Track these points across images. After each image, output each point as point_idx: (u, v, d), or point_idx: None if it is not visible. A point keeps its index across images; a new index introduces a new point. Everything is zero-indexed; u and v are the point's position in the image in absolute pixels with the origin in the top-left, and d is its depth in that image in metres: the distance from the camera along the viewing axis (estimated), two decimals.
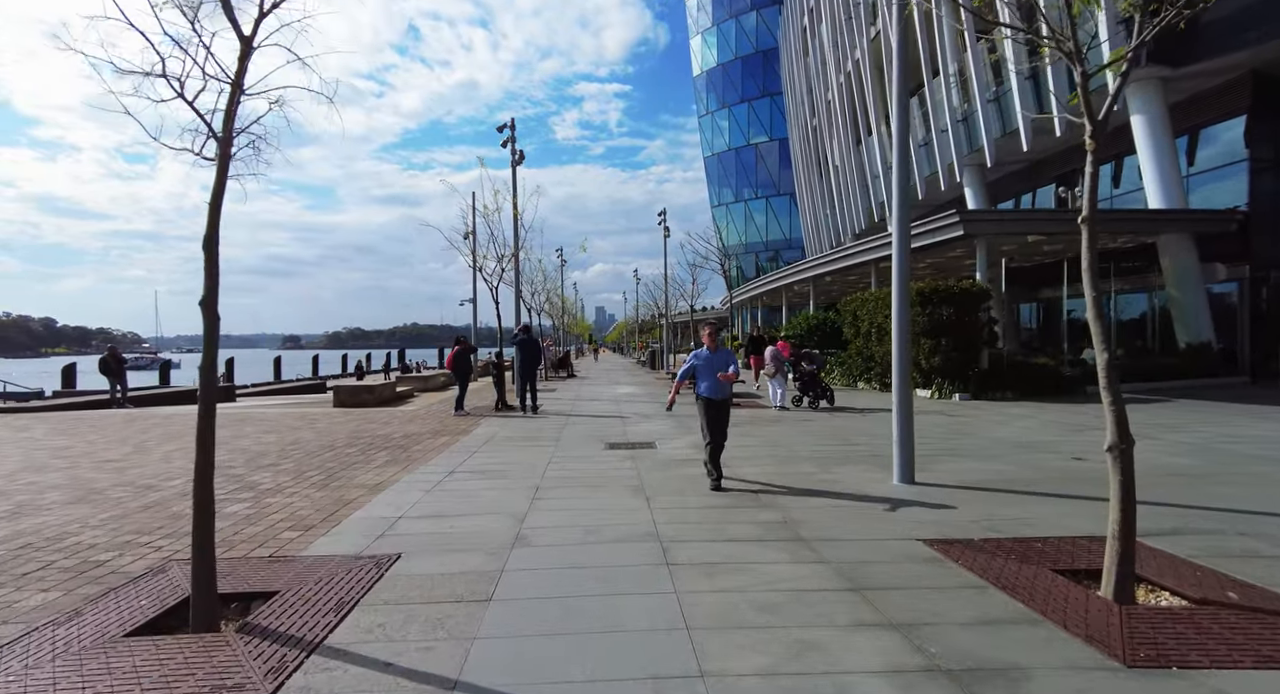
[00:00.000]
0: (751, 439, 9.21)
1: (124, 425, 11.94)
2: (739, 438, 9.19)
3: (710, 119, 61.73)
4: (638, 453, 8.29)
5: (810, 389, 13.28)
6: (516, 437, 9.96)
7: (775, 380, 13.42)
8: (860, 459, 7.67)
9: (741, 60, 57.83)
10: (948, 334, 14.79)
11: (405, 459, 7.98)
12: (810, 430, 10.12)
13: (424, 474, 7.06)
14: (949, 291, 14.87)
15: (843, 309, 18.88)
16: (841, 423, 10.99)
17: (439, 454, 8.35)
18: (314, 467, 7.55)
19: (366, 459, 8.01)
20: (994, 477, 6.54)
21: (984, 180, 26.47)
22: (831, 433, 9.82)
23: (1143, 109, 17.40)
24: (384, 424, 11.56)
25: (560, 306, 38.06)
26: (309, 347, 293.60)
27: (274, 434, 10.37)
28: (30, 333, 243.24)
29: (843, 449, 8.38)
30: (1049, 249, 20.28)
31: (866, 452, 8.18)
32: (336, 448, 8.93)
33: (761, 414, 12.37)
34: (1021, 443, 8.56)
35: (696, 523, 5.04)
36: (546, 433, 10.28)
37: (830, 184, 40.68)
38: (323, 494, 6.16)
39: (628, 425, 11.08)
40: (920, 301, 15.12)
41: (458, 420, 12.02)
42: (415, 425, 11.35)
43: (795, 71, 45.84)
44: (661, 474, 6.92)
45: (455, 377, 13.37)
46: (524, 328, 13.16)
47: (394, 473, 7.13)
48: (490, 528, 4.95)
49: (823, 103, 40.26)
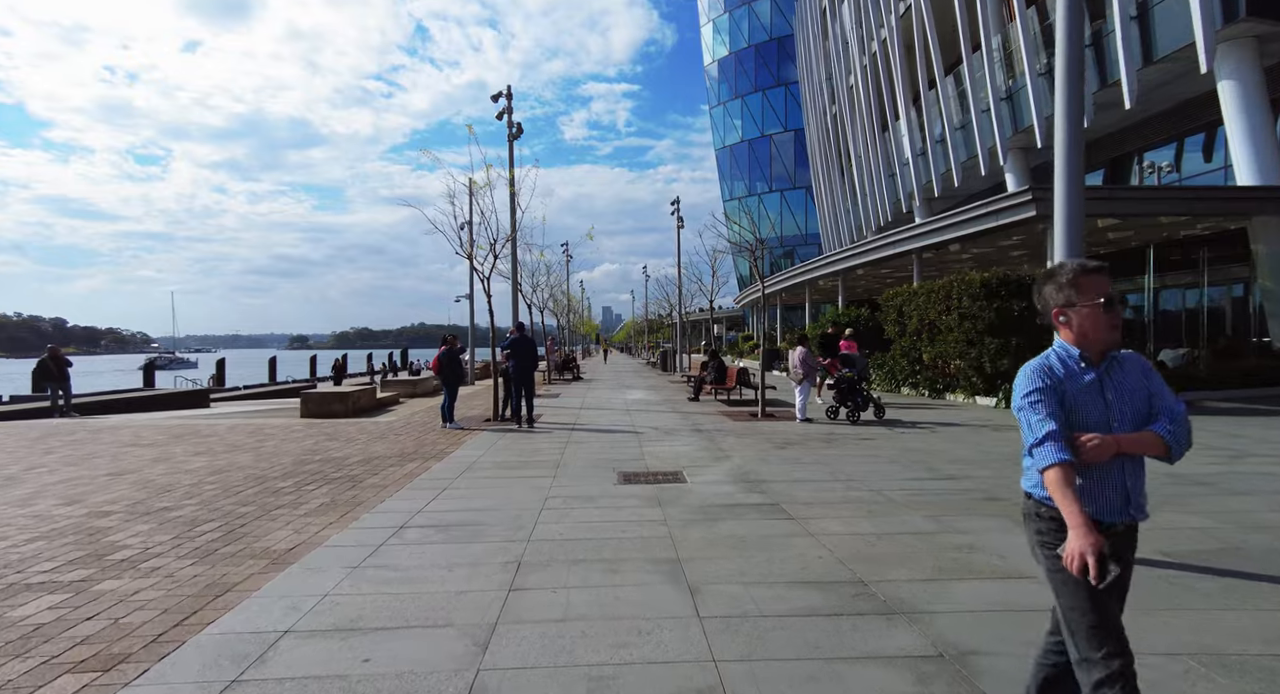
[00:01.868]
0: (812, 468, 7.06)
1: (28, 444, 9.91)
2: (790, 465, 7.04)
3: (722, 110, 59.40)
4: (663, 491, 6.15)
5: (849, 398, 11.07)
6: (506, 462, 7.84)
7: (802, 387, 11.24)
8: (979, 504, 5.50)
9: (755, 48, 55.49)
10: (1020, 332, 12.57)
11: (348, 502, 5.87)
12: (880, 454, 7.95)
13: (362, 530, 4.96)
14: (1022, 282, 12.65)
15: (884, 304, 16.66)
16: (911, 442, 8.81)
17: (398, 491, 6.25)
18: (218, 514, 5.46)
19: (297, 501, 5.92)
20: (1209, 541, 4.35)
21: (1027, 165, 24.18)
22: (909, 458, 7.64)
23: (1234, 73, 15.08)
24: (347, 442, 9.47)
25: (566, 304, 35.77)
26: (316, 346, 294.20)
27: (204, 457, 8.30)
28: (39, 333, 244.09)
29: (942, 487, 6.21)
30: (1114, 236, 18.00)
31: (977, 490, 6.00)
32: (268, 480, 6.84)
33: (810, 430, 10.19)
34: (1187, 478, 6.30)
35: (786, 658, 2.89)
36: (544, 455, 8.17)
37: (851, 175, 38.40)
38: (198, 572, 4.06)
39: (645, 444, 8.95)
40: (985, 293, 12.91)
41: (439, 437, 9.93)
42: (384, 444, 9.26)
43: (813, 56, 43.55)
44: (703, 533, 4.78)
45: (442, 382, 11.29)
46: (518, 326, 11.03)
47: (321, 528, 5.03)
48: (427, 667, 2.83)
49: (844, 88, 37.96)
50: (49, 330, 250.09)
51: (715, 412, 13.00)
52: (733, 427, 10.68)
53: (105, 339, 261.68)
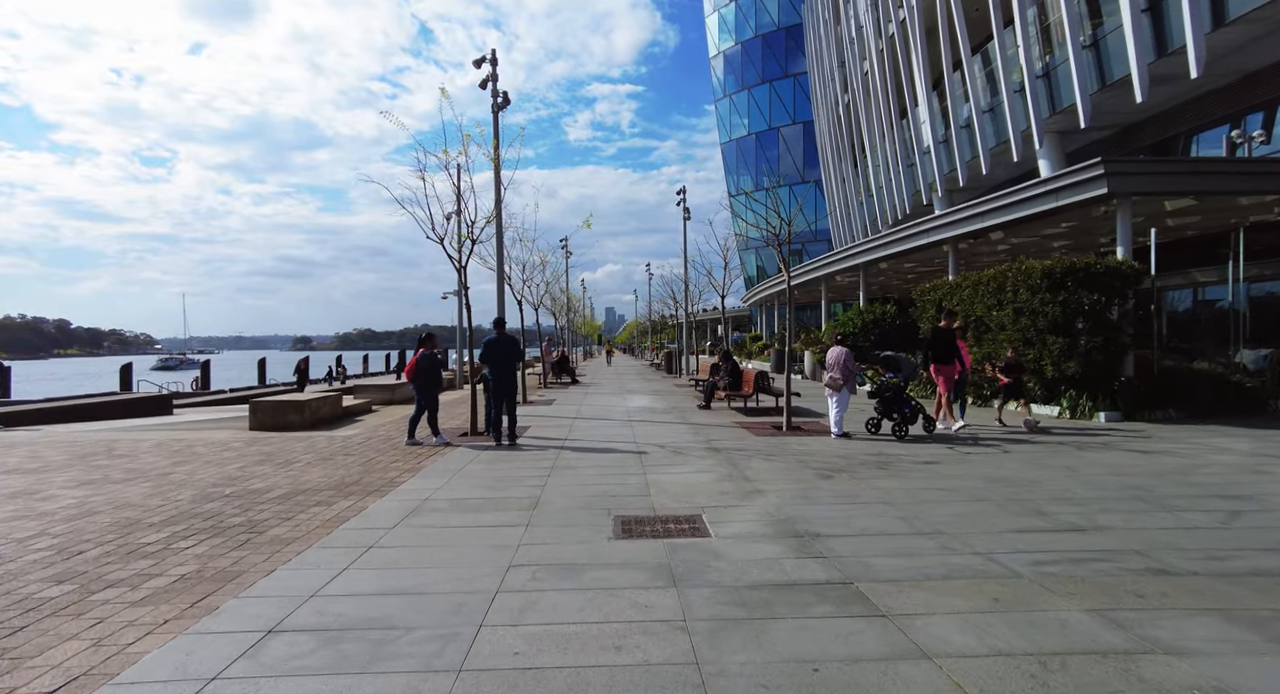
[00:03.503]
0: (878, 512, 5.18)
1: None
2: (847, 505, 5.13)
3: (728, 102, 57.44)
4: (678, 553, 4.30)
5: (895, 408, 9.20)
6: (466, 499, 6.00)
7: (840, 395, 9.36)
8: (1152, 582, 3.61)
9: (762, 38, 53.53)
10: (1089, 330, 10.67)
11: (216, 576, 4.04)
12: (958, 488, 6.07)
13: (199, 641, 3.12)
14: (1093, 271, 10.75)
15: (919, 299, 14.79)
16: (986, 467, 6.94)
17: (302, 552, 4.41)
18: (14, 601, 3.64)
19: (146, 572, 4.09)
20: None
21: (1064, 150, 22.26)
22: (1000, 494, 5.77)
23: None
24: (282, 465, 7.65)
25: (565, 303, 33.76)
26: (320, 347, 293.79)
27: (84, 490, 6.48)
28: (42, 334, 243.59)
29: (1076, 547, 4.32)
30: (1175, 223, 16.07)
31: (1129, 552, 4.11)
32: (137, 530, 5.01)
33: (854, 450, 8.32)
34: None
35: None
36: (519, 487, 6.32)
37: (865, 167, 36.49)
38: None
39: (650, 470, 7.10)
40: (1048, 285, 11.02)
41: (397, 458, 8.10)
42: (325, 469, 7.43)
43: (824, 43, 41.67)
44: (748, 653, 2.92)
45: (415, 391, 9.39)
46: (497, 323, 9.15)
47: (139, 636, 3.19)
48: None
49: (857, 75, 36.05)
50: (52, 332, 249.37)
51: (731, 423, 11.16)
52: (756, 443, 8.83)
53: (108, 341, 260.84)
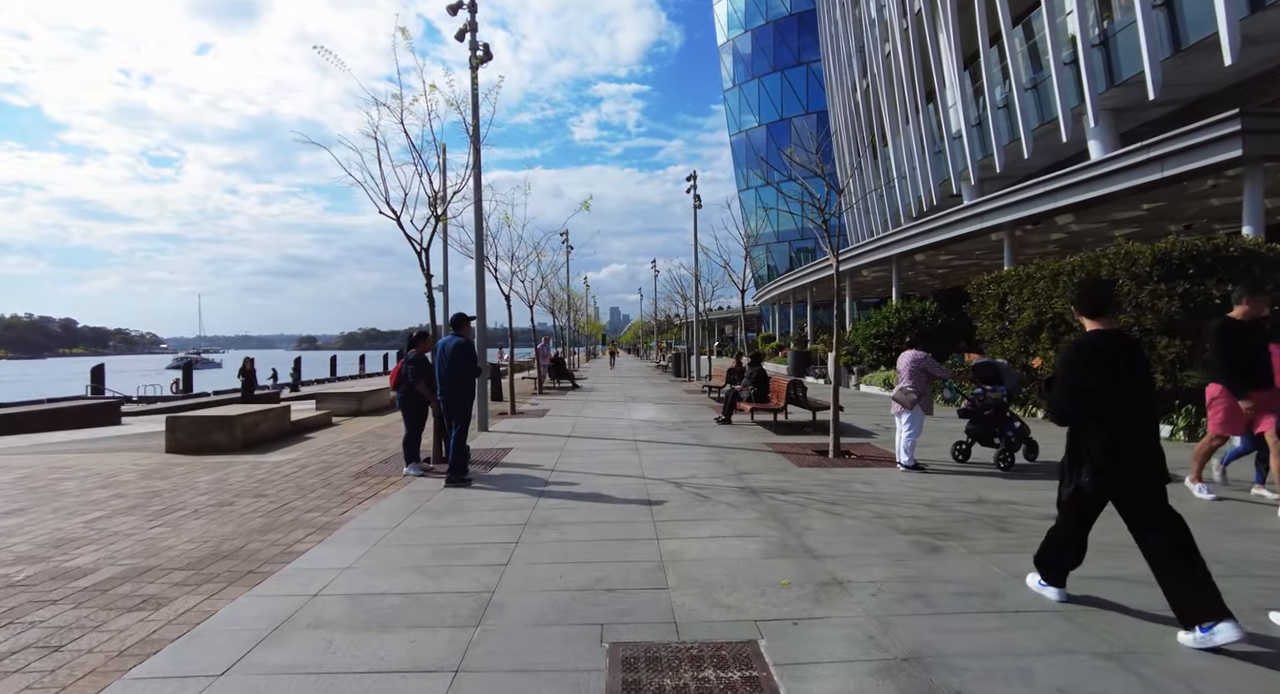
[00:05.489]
0: (1042, 623, 2.95)
1: None
2: (988, 612, 2.75)
3: (737, 92, 55.15)
4: None
5: (997, 430, 6.98)
6: (379, 595, 3.81)
7: (912, 415, 7.13)
8: None
9: (773, 24, 51.22)
10: None
11: None
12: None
13: None
14: (1221, 255, 8.50)
15: (975, 294, 12.56)
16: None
17: None
18: None
19: None
20: None
21: (1117, 129, 19.95)
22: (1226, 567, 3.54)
23: None
24: (152, 517, 5.50)
25: (567, 301, 31.50)
26: (324, 347, 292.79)
27: None
28: (48, 334, 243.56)
29: None
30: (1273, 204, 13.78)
31: None
32: None
33: (945, 492, 6.06)
34: None
35: None
36: (466, 573, 4.14)
37: (885, 157, 34.20)
38: None
39: (665, 534, 4.90)
40: (1161, 273, 8.78)
41: (323, 501, 5.94)
42: (206, 524, 5.27)
43: (839, 27, 39.40)
44: None
45: (400, 404, 7.22)
46: (455, 320, 6.87)
47: None
48: None
49: (878, 58, 33.76)
50: (58, 331, 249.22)
51: (761, 444, 8.98)
52: (803, 480, 6.63)
53: (113, 340, 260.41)
